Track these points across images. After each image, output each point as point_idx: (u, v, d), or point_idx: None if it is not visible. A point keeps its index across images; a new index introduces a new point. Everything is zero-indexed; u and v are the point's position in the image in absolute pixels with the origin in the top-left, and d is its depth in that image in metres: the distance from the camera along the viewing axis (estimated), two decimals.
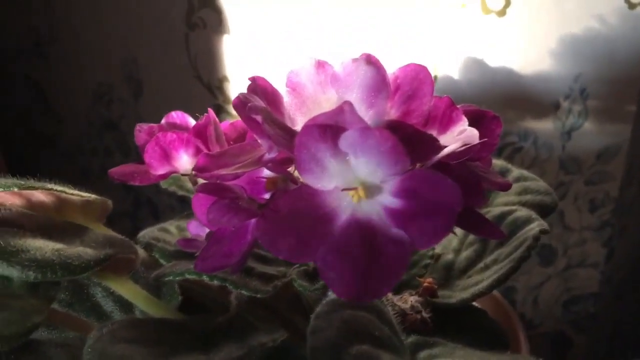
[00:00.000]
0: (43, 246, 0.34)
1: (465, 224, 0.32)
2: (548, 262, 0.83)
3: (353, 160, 0.29)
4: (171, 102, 0.80)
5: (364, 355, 0.28)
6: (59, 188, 0.40)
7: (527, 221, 0.43)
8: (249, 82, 0.33)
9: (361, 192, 0.29)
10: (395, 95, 0.33)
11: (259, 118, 0.30)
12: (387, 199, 0.29)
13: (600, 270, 0.84)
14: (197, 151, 0.41)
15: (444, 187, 0.28)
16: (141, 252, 0.45)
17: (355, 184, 0.30)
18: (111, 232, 0.42)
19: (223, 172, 0.30)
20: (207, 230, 0.44)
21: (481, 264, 0.43)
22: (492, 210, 0.46)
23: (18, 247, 0.33)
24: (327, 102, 0.33)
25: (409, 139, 0.32)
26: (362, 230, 0.29)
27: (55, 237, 0.38)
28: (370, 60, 0.32)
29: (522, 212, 0.44)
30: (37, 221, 0.38)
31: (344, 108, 0.28)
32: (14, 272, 0.32)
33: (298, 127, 0.33)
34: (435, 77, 0.71)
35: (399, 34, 0.69)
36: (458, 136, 0.37)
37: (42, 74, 0.91)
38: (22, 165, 1.00)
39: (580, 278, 0.84)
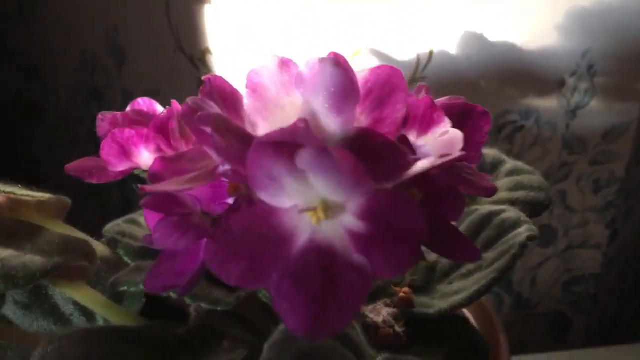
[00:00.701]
0: None
1: (435, 245, 0.29)
2: (548, 243, 0.80)
3: (312, 178, 0.26)
4: (154, 73, 0.76)
5: None
6: (8, 189, 0.38)
7: (516, 224, 0.40)
8: (204, 84, 0.30)
9: (321, 213, 0.27)
10: (366, 101, 0.30)
11: (208, 130, 0.27)
12: (350, 220, 0.27)
13: (603, 252, 0.81)
14: (159, 148, 0.38)
15: (410, 213, 0.25)
16: (105, 250, 0.43)
17: (316, 203, 0.27)
18: (69, 232, 0.40)
19: (172, 187, 0.28)
20: None
21: (463, 270, 0.40)
22: (480, 209, 0.43)
23: None
24: (291, 105, 0.30)
25: (378, 150, 0.29)
26: (322, 255, 0.27)
27: (3, 241, 0.36)
28: (338, 62, 0.29)
29: (511, 214, 0.41)
30: None
31: (299, 125, 0.25)
32: None
33: (259, 132, 0.31)
34: (431, 52, 0.67)
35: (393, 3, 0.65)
36: (440, 137, 0.34)
37: (27, 39, 0.88)
38: (9, 133, 0.98)
39: (582, 259, 0.82)
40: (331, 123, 0.29)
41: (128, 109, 0.44)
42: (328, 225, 0.27)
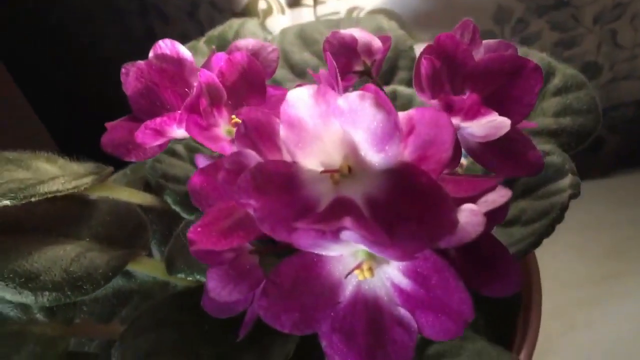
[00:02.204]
0: (52, 264, 0.34)
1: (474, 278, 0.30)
2: (591, 77, 0.78)
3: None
4: None
5: None
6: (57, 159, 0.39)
7: (559, 173, 0.40)
8: (240, 124, 0.28)
9: (366, 271, 0.28)
10: (409, 137, 0.28)
11: (251, 203, 0.26)
12: (396, 274, 0.28)
13: None
14: (193, 123, 0.37)
15: (456, 291, 0.26)
16: (152, 199, 0.44)
17: (361, 257, 0.28)
18: (119, 204, 0.41)
19: (212, 246, 0.28)
20: None
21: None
22: None
23: (29, 271, 0.34)
24: (329, 136, 0.29)
25: (421, 191, 0.28)
26: (368, 306, 0.28)
27: (59, 229, 0.38)
28: (378, 103, 0.27)
29: (556, 158, 0.40)
30: (35, 213, 0.37)
31: (345, 225, 0.25)
32: (29, 299, 0.33)
33: (298, 161, 0.29)
34: None
35: None
36: (487, 124, 0.33)
37: None
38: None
39: (624, 89, 0.80)
40: (373, 155, 0.28)
41: (151, 54, 0.41)
42: (374, 278, 0.28)
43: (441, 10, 0.65)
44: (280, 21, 0.66)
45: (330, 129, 0.29)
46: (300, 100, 0.28)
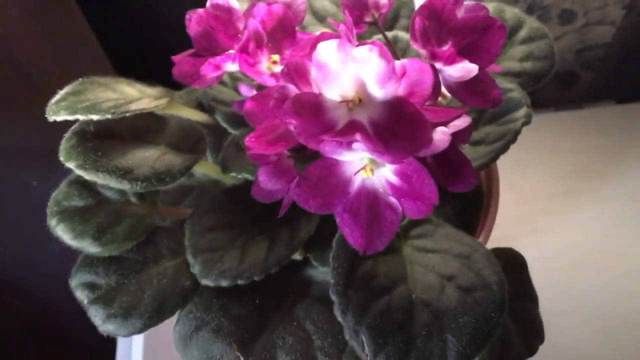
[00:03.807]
0: (141, 162, 0.45)
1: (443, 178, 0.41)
2: (567, 22, 0.86)
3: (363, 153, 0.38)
4: None
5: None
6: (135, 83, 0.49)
7: (517, 106, 0.49)
8: (284, 66, 0.39)
9: (369, 171, 0.39)
10: (402, 79, 0.38)
11: (293, 122, 0.37)
12: (389, 175, 0.39)
13: (617, 27, 0.87)
14: (243, 60, 0.47)
15: (428, 185, 0.37)
16: (205, 117, 0.55)
17: (366, 161, 0.39)
18: (183, 120, 0.51)
19: (264, 150, 0.39)
20: (255, 90, 0.53)
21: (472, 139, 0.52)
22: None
23: (126, 166, 0.45)
24: (346, 75, 0.39)
25: (409, 116, 0.39)
26: (369, 195, 0.40)
27: (142, 137, 0.48)
28: (381, 54, 0.37)
29: (516, 94, 0.50)
30: (127, 124, 0.48)
31: (356, 138, 0.35)
32: (127, 186, 0.44)
33: (324, 93, 0.40)
34: None
35: None
36: (460, 68, 0.43)
37: None
38: None
39: (596, 32, 0.88)
40: (376, 91, 0.38)
41: (208, 3, 0.50)
42: (374, 176, 0.39)
43: None
44: None
45: (347, 71, 0.39)
46: (327, 49, 0.38)
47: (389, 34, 0.57)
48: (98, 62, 0.76)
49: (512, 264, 0.48)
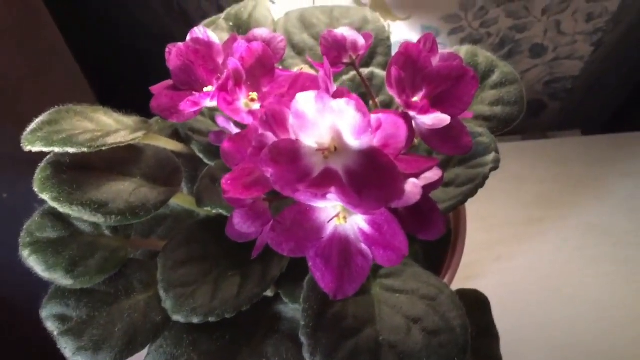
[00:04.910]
0: (116, 196, 0.46)
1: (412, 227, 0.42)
2: (537, 56, 0.88)
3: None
4: None
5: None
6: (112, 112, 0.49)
7: (486, 150, 0.51)
8: (263, 113, 0.39)
9: (342, 219, 0.40)
10: (377, 131, 0.39)
11: (269, 170, 0.38)
12: (362, 223, 0.40)
13: (585, 61, 0.90)
14: (222, 98, 0.47)
15: (399, 236, 0.38)
16: (182, 147, 0.55)
17: (339, 209, 0.40)
18: (159, 151, 0.51)
19: (240, 195, 0.40)
20: (231, 123, 0.53)
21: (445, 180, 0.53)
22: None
23: (101, 200, 0.45)
24: (323, 124, 0.40)
25: (382, 167, 0.40)
26: (341, 241, 0.41)
27: (118, 168, 0.48)
28: (358, 108, 0.38)
29: (485, 139, 0.52)
30: (102, 156, 0.48)
31: (331, 191, 0.36)
32: (101, 220, 0.44)
33: (301, 140, 0.41)
34: None
35: None
36: (433, 118, 0.44)
37: None
38: None
39: (565, 66, 0.91)
40: (352, 141, 0.39)
41: (188, 38, 0.51)
42: (347, 224, 0.40)
43: None
44: None
45: (325, 120, 0.39)
46: (306, 100, 0.39)
47: (365, 71, 0.58)
48: (72, 76, 0.76)
49: (476, 304, 0.50)
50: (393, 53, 0.47)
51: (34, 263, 0.44)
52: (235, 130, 0.53)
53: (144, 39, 1.02)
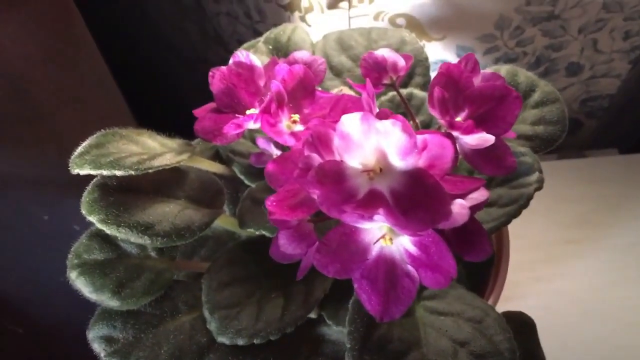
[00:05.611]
0: (162, 218, 0.46)
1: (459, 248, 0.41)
2: (573, 74, 0.87)
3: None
4: None
5: None
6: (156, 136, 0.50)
7: (529, 170, 0.50)
8: (309, 136, 0.40)
9: (388, 240, 0.39)
10: (423, 152, 0.39)
11: (316, 192, 0.38)
12: (408, 244, 0.40)
13: (622, 79, 0.88)
14: (265, 120, 0.48)
15: (446, 258, 0.38)
16: (223, 168, 0.56)
17: (385, 230, 0.40)
18: (202, 172, 0.52)
19: (286, 217, 0.40)
20: (272, 144, 0.54)
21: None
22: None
23: (147, 222, 0.45)
24: (368, 146, 0.40)
25: (429, 188, 0.39)
26: (387, 262, 0.40)
27: (163, 190, 0.49)
28: (404, 129, 0.38)
29: (528, 159, 0.51)
30: (148, 178, 0.49)
31: (378, 212, 0.36)
32: (147, 242, 0.45)
33: (345, 161, 0.41)
34: None
35: None
36: (477, 138, 0.44)
37: None
38: None
39: (602, 85, 0.90)
40: (397, 162, 0.39)
41: (230, 61, 0.52)
42: (393, 245, 0.40)
43: (452, 16, 0.75)
44: (319, 18, 0.76)
45: (370, 142, 0.39)
46: (351, 121, 0.39)
47: (404, 92, 0.58)
48: (114, 101, 0.77)
49: (521, 326, 0.49)
50: (431, 74, 0.46)
51: (82, 284, 0.45)
52: (276, 151, 0.54)
53: (178, 63, 1.04)
